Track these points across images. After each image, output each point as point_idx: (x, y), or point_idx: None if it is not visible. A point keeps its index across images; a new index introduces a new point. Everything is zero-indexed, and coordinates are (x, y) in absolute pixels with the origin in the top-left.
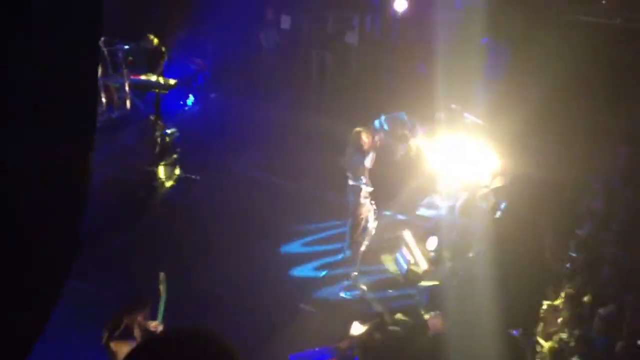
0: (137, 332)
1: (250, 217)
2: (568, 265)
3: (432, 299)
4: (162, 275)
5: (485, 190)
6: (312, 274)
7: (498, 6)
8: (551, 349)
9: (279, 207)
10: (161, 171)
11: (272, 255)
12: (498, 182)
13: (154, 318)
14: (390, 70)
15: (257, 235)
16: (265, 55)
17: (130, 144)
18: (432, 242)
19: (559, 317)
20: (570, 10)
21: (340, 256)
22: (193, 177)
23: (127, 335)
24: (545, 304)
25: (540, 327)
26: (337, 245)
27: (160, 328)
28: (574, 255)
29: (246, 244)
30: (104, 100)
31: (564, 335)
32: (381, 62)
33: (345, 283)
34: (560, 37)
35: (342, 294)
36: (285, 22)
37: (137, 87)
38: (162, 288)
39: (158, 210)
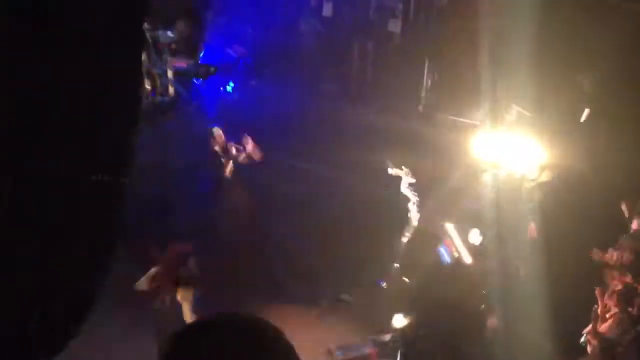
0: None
1: (291, 206)
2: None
3: (478, 293)
4: None
5: (532, 184)
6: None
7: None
8: (603, 349)
9: (320, 197)
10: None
11: (312, 244)
12: (545, 176)
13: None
14: (433, 59)
15: (299, 224)
16: (306, 43)
17: (172, 130)
18: (475, 236)
19: (610, 316)
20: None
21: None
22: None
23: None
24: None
25: (590, 326)
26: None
27: None
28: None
29: (286, 233)
30: (147, 85)
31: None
32: (424, 51)
33: (387, 274)
34: (610, 27)
35: (383, 286)
36: (327, 9)
37: (179, 73)
38: None
39: (197, 197)
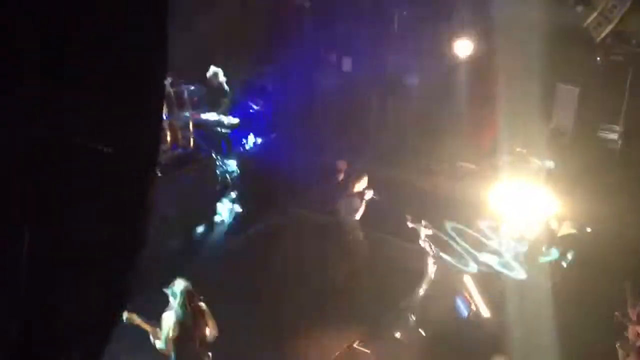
0: None
1: (305, 257)
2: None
3: (495, 345)
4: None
5: (552, 237)
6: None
7: (567, 50)
8: None
9: (334, 245)
10: (221, 209)
11: (328, 295)
12: (566, 229)
13: None
14: (452, 113)
15: (313, 275)
16: (326, 97)
17: (193, 181)
18: (494, 289)
19: None
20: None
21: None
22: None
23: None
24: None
25: None
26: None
27: None
28: None
29: (300, 282)
30: (168, 138)
31: None
32: (442, 105)
33: (403, 326)
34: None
35: (399, 337)
36: (347, 64)
37: (201, 126)
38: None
39: (216, 249)
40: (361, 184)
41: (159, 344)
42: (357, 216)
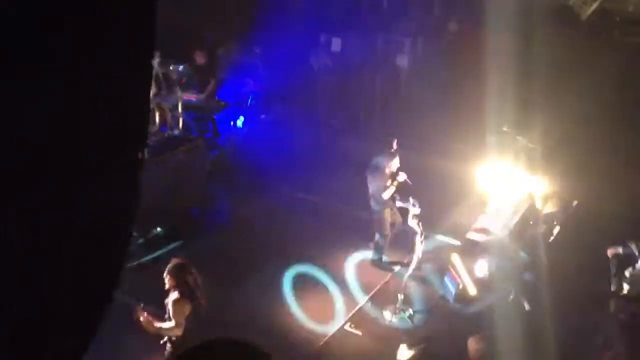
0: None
1: (294, 237)
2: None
3: (480, 323)
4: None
5: (538, 215)
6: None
7: (552, 32)
8: None
9: (326, 228)
10: (211, 191)
11: (318, 275)
12: (551, 207)
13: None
14: (441, 93)
15: (303, 254)
16: (315, 78)
17: (182, 163)
18: (481, 267)
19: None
20: (623, 33)
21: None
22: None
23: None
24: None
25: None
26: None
27: None
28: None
29: (292, 262)
30: (157, 119)
31: None
32: (433, 85)
33: (392, 306)
34: (615, 60)
35: (388, 317)
36: (336, 44)
37: (190, 107)
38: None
39: (208, 229)
40: (392, 164)
41: (171, 326)
42: (385, 195)
